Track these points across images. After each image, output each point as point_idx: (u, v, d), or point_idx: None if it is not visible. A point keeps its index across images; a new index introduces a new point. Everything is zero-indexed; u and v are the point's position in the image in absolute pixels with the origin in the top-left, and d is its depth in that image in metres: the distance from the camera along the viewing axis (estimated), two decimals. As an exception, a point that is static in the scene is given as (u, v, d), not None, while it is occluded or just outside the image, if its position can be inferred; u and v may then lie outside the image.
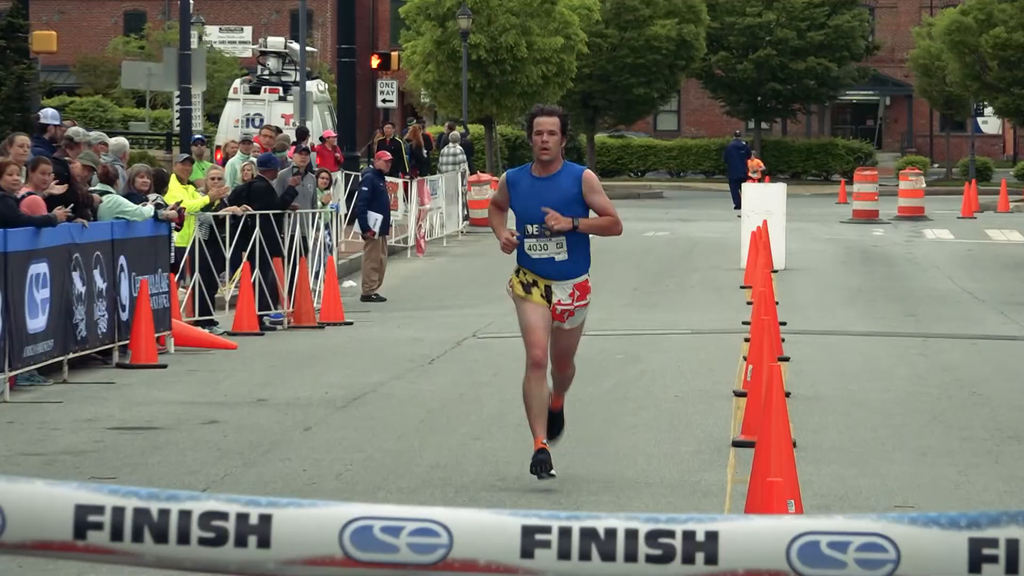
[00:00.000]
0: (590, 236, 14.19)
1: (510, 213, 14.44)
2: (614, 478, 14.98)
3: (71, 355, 21.87)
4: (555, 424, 14.37)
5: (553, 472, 13.50)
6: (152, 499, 4.47)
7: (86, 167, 23.68)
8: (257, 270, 27.62)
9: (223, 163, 33.93)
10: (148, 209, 24.05)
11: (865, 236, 49.26)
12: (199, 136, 41.35)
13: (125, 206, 23.87)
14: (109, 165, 24.82)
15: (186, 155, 33.25)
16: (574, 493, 13.79)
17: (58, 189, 21.88)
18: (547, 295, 14.04)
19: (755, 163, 68.60)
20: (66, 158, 23.81)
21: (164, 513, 4.44)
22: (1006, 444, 16.94)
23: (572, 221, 13.81)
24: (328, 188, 34.05)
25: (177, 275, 26.09)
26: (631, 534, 4.44)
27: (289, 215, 29.05)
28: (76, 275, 22.01)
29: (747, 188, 41.43)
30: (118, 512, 4.44)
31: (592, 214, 14.10)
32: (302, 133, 42.67)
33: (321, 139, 46.72)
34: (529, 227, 13.96)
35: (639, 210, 64.17)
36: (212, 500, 4.48)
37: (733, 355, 22.03)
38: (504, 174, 14.86)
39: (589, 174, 14.32)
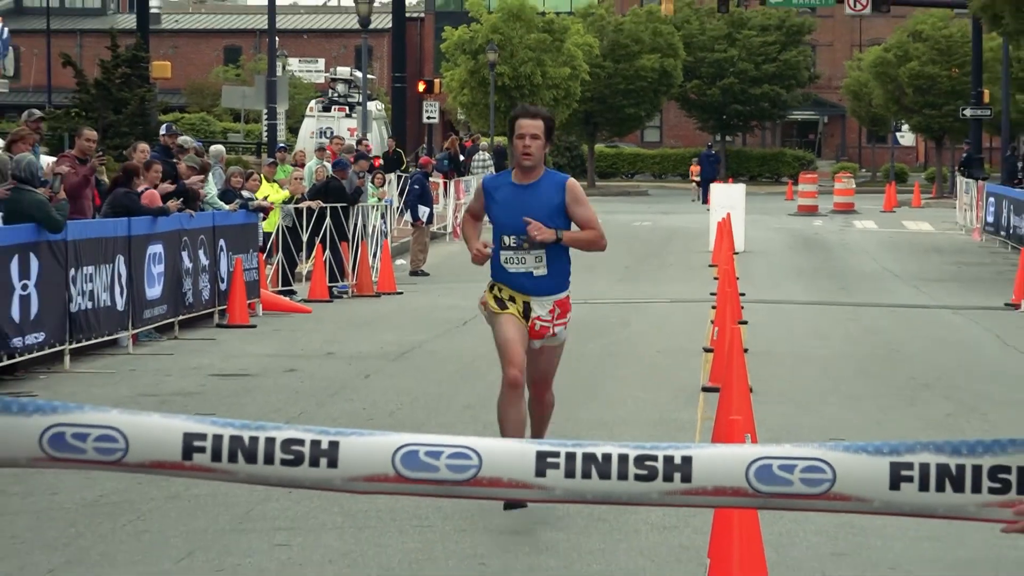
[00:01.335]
0: (570, 251, 10.79)
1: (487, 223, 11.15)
2: (607, 417, 15.00)
3: (181, 317, 21.96)
4: None
5: (525, 504, 9.71)
6: (244, 428, 4.48)
7: (190, 168, 23.77)
8: (328, 251, 27.70)
9: (301, 166, 33.95)
10: (223, 204, 24.34)
11: (807, 226, 49.22)
12: (282, 145, 41.38)
13: (215, 202, 24.16)
14: (206, 162, 25.03)
15: (272, 160, 33.25)
16: (575, 428, 13.79)
17: (165, 188, 21.94)
18: (526, 312, 10.68)
19: (696, 169, 68.74)
20: (175, 160, 23.86)
21: (253, 440, 4.45)
22: (919, 391, 16.94)
23: (555, 233, 10.47)
24: (383, 186, 34.06)
25: (264, 254, 26.13)
26: (623, 458, 4.45)
27: (354, 207, 29.14)
28: (185, 254, 22.07)
29: (715, 188, 41.52)
30: (217, 439, 4.44)
31: (574, 227, 10.75)
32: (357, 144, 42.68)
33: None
34: (506, 238, 10.57)
35: (629, 205, 64.14)
36: (291, 429, 4.49)
37: (702, 319, 22.03)
38: (481, 180, 11.26)
39: (573, 183, 10.75)
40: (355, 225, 29.07)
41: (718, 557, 8.83)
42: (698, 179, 67.15)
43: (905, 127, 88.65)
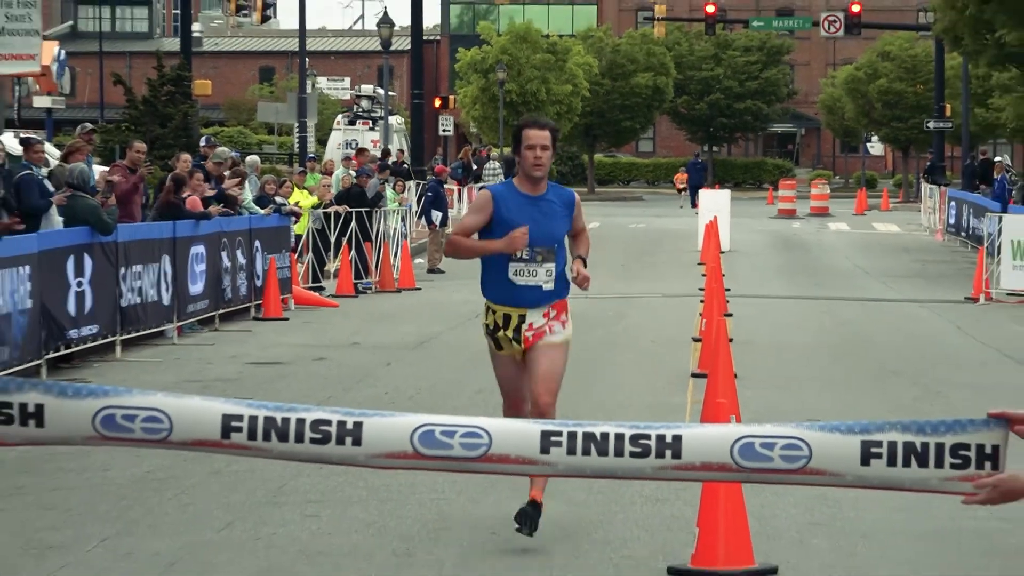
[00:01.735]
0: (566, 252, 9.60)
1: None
2: (606, 400, 15.00)
3: (220, 311, 21.96)
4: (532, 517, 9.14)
5: (532, 535, 9.07)
6: (277, 410, 4.48)
7: (217, 164, 23.78)
8: (353, 251, 27.69)
9: (329, 175, 33.96)
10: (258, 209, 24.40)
11: (786, 228, 49.16)
12: (312, 155, 41.39)
13: (251, 207, 24.21)
14: (242, 170, 25.09)
15: (302, 169, 33.25)
16: (577, 410, 13.78)
17: (203, 190, 21.95)
18: (517, 332, 9.38)
19: (680, 177, 68.70)
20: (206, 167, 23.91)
21: (285, 420, 4.45)
22: (888, 377, 16.93)
23: (583, 263, 9.43)
24: (403, 193, 34.06)
25: (296, 254, 26.13)
26: (619, 437, 4.44)
27: (376, 211, 29.14)
28: (224, 254, 22.07)
29: (703, 193, 41.52)
30: (252, 420, 4.44)
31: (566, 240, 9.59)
32: (385, 153, 42.64)
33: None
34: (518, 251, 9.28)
35: (625, 209, 64.05)
36: (320, 411, 4.49)
37: (692, 312, 22.01)
38: (484, 191, 9.71)
39: (579, 201, 9.67)
40: (377, 227, 29.07)
41: (706, 526, 8.82)
42: (683, 187, 67.10)
43: (875, 138, 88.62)
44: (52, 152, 25.47)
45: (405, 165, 43.78)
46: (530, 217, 9.22)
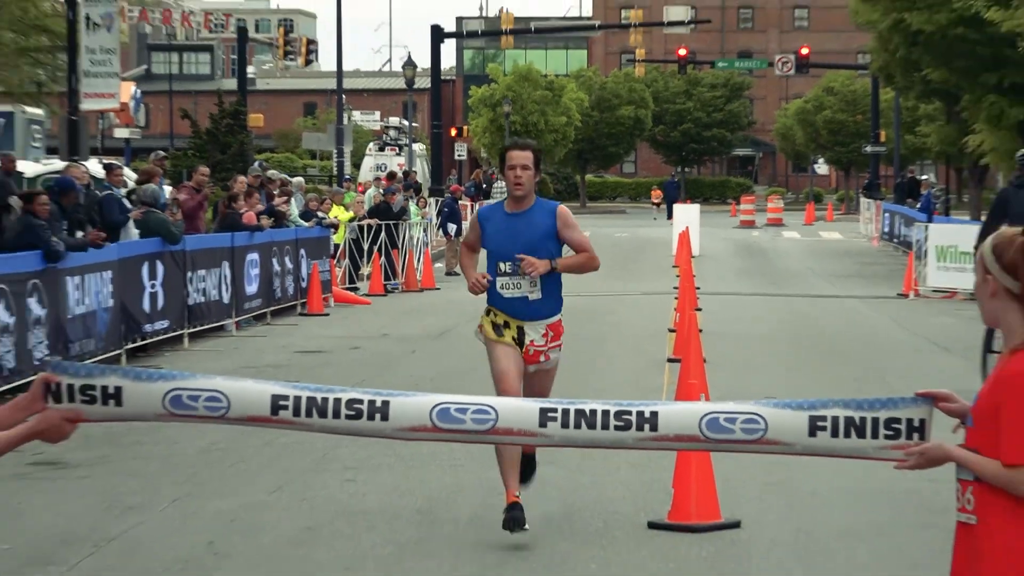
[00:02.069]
0: (562, 275, 8.62)
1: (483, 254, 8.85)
2: (595, 381, 14.99)
3: (271, 308, 21.95)
4: (528, 467, 8.74)
5: (527, 527, 8.32)
6: (317, 391, 4.48)
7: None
8: (383, 257, 27.70)
9: (363, 193, 33.97)
10: (303, 222, 24.36)
11: (747, 236, 49.14)
12: (348, 177, 41.38)
13: (297, 220, 24.18)
14: (289, 189, 25.04)
15: (339, 188, 33.23)
16: (571, 390, 13.77)
17: (259, 207, 21.95)
18: (520, 337, 8.58)
19: (656, 193, 68.64)
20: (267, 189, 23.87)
21: (324, 400, 4.45)
22: (835, 360, 16.93)
23: (550, 263, 8.45)
24: (425, 207, 34.09)
25: (335, 260, 26.14)
26: (605, 413, 4.44)
27: (402, 223, 29.13)
28: (275, 260, 22.07)
29: (676, 208, 41.56)
30: (297, 399, 4.44)
31: (566, 250, 8.73)
32: (406, 175, 42.60)
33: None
34: (502, 265, 8.53)
35: (611, 221, 64.03)
36: (354, 391, 4.49)
37: (668, 307, 22.01)
38: (476, 211, 8.97)
39: (564, 209, 8.72)
40: (403, 237, 29.06)
41: (680, 487, 8.83)
42: (658, 202, 67.10)
43: (821, 160, 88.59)
44: (130, 175, 25.49)
45: (417, 181, 43.75)
46: (511, 232, 8.44)
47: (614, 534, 8.67)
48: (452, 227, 32.94)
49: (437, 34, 47.65)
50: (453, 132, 68.26)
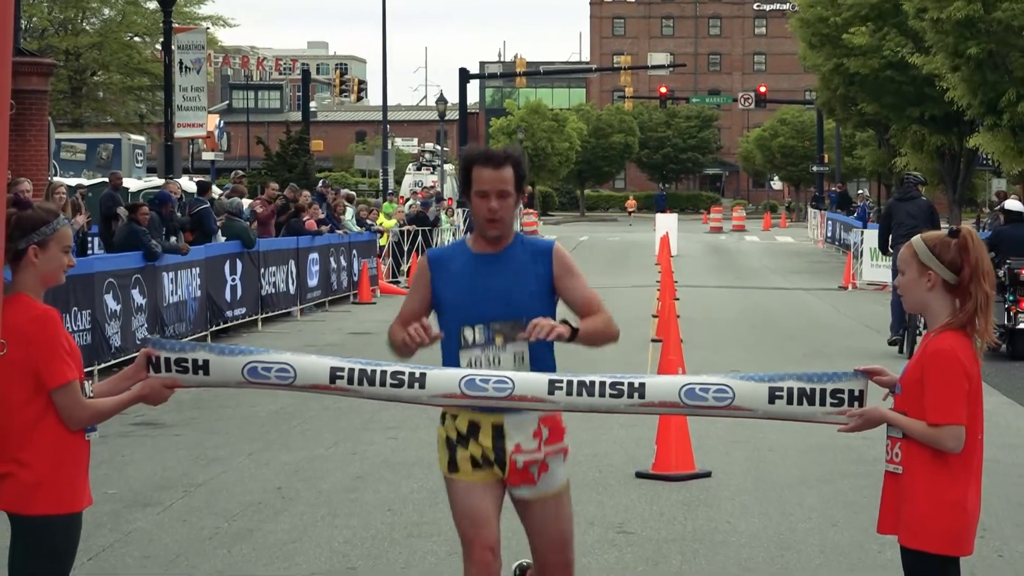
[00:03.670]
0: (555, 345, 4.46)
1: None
2: (589, 360, 14.92)
3: (329, 298, 21.95)
4: None
5: None
6: (367, 364, 4.47)
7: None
8: (420, 256, 27.71)
9: (404, 203, 33.96)
10: (356, 228, 24.29)
11: (716, 240, 49.01)
12: (391, 191, 41.32)
13: (351, 227, 24.15)
14: (340, 201, 24.90)
15: (384, 201, 33.22)
16: (574, 365, 13.74)
17: (319, 215, 21.90)
18: (497, 445, 4.38)
19: (630, 203, 68.52)
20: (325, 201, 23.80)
21: (373, 371, 4.43)
22: (789, 342, 16.87)
23: (570, 327, 4.42)
24: (452, 216, 34.04)
25: (381, 259, 26.12)
26: (602, 383, 4.43)
27: (435, 229, 29.10)
28: (332, 259, 22.06)
29: (658, 216, 41.45)
30: (351, 371, 4.43)
31: (561, 308, 4.56)
32: (435, 194, 42.55)
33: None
34: (469, 332, 4.41)
35: (605, 227, 63.81)
36: (397, 364, 4.47)
37: (652, 297, 21.96)
38: (423, 257, 4.64)
39: (561, 250, 4.52)
40: (436, 240, 29.02)
41: (662, 444, 8.81)
42: (632, 210, 67.10)
43: (776, 178, 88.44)
44: (215, 191, 25.57)
45: (438, 190, 43.73)
46: (481, 282, 4.44)
47: (608, 482, 8.65)
48: (476, 232, 32.95)
49: (464, 76, 47.68)
50: (477, 156, 68.06)
